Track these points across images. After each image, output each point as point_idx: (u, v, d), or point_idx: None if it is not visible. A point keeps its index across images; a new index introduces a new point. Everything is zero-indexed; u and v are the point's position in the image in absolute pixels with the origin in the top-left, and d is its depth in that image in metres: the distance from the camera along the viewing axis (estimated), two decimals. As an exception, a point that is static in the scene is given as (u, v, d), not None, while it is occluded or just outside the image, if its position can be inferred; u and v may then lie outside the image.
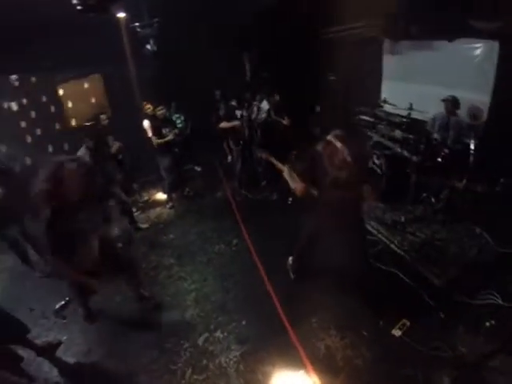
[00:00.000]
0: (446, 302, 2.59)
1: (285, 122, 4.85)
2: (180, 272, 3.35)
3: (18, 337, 2.46)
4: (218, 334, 2.60)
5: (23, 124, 6.26)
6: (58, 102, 6.31)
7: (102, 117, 4.71)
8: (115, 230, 4.00)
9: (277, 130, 4.90)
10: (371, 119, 4.97)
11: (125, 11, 5.01)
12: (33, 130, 6.33)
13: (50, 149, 6.46)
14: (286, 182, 2.47)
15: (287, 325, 2.58)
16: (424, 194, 3.90)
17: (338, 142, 2.12)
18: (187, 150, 5.65)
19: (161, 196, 5.17)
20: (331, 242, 2.51)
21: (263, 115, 4.92)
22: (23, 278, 4.04)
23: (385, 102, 4.74)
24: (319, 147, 2.28)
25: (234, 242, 3.68)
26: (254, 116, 4.67)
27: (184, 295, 3.06)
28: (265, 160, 2.77)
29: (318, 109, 6.61)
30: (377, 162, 4.16)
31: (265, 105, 4.99)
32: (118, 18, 5.08)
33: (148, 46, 5.56)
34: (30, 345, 2.55)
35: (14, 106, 6.12)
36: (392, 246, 3.33)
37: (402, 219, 3.62)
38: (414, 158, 3.70)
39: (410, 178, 3.79)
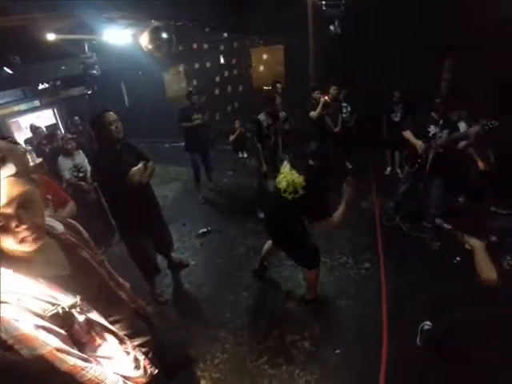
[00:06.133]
0: None
1: (480, 164, 3.38)
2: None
3: (167, 249, 2.93)
4: (307, 344, 2.42)
5: (217, 79, 7.43)
6: (248, 65, 7.18)
7: (278, 85, 4.89)
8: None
9: (471, 172, 3.63)
10: None
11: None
12: (223, 86, 7.45)
13: (236, 105, 7.53)
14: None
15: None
16: None
17: None
18: (348, 141, 5.31)
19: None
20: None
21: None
22: (190, 194, 5.07)
23: None
24: None
25: (366, 265, 3.16)
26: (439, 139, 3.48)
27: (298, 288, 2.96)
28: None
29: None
30: None
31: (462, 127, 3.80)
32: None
33: (331, 27, 5.32)
34: (169, 258, 3.08)
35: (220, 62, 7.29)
36: None
37: None
38: None
39: None
